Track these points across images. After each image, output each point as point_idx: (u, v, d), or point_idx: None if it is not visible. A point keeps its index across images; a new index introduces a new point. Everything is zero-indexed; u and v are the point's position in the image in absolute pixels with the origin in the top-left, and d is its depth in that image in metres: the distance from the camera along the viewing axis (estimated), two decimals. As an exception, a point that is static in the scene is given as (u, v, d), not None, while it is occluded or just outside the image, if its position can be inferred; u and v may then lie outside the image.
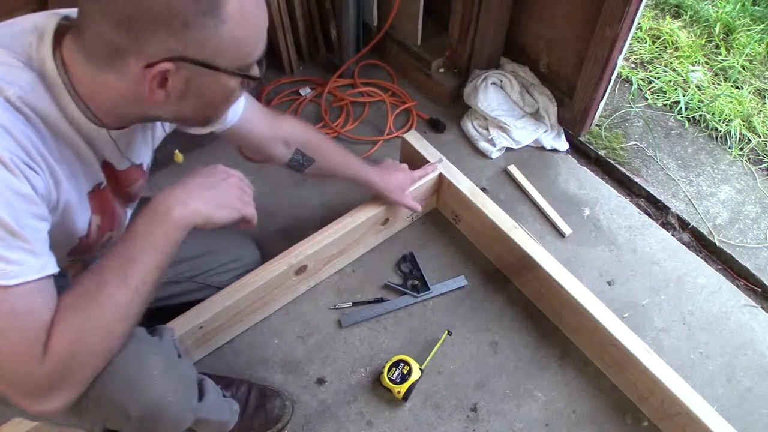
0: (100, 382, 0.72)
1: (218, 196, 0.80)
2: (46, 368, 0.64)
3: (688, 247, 1.51)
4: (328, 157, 1.23)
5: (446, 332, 1.31)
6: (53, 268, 0.67)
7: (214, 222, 0.79)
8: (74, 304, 0.68)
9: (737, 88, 1.91)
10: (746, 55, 2.00)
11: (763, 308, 1.41)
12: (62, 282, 0.91)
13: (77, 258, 0.88)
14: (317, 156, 1.20)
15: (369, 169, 1.30)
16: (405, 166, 1.42)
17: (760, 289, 1.44)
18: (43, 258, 0.66)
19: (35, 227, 0.65)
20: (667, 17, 2.16)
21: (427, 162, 1.43)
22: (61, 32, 0.69)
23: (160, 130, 0.95)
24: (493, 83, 1.72)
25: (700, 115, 1.81)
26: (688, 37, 2.06)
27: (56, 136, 0.70)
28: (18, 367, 0.64)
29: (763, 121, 1.81)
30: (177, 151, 0.97)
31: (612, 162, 1.67)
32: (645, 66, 1.99)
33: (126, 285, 0.71)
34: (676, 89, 1.89)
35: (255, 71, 0.74)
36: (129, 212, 0.98)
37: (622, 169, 1.66)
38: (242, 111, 1.04)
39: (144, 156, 0.91)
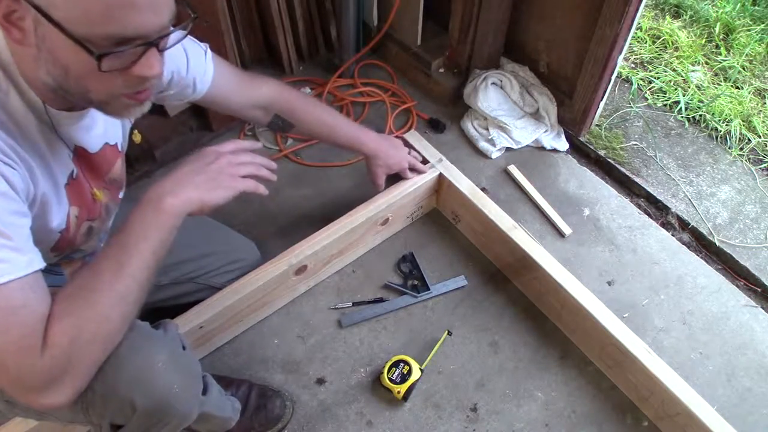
0: (106, 376, 0.72)
1: (209, 179, 0.80)
2: (47, 360, 0.65)
3: (688, 247, 1.51)
4: (309, 121, 1.22)
5: (446, 332, 1.31)
6: (40, 263, 0.67)
7: (210, 205, 0.79)
8: (71, 294, 0.69)
9: (737, 88, 1.91)
10: (746, 55, 2.00)
11: (763, 308, 1.41)
12: (59, 282, 0.91)
13: (62, 254, 0.87)
14: (297, 119, 1.19)
15: (361, 134, 1.29)
16: (403, 148, 1.40)
17: (760, 289, 1.44)
18: (28, 254, 0.66)
19: (16, 224, 0.65)
20: (667, 17, 2.16)
21: (427, 162, 1.43)
22: None
23: None
24: (493, 83, 1.72)
25: (700, 115, 1.81)
26: (688, 37, 2.06)
27: (23, 127, 0.70)
28: (19, 363, 0.64)
29: (763, 121, 1.81)
30: (136, 131, 0.96)
31: (612, 162, 1.67)
32: (645, 66, 1.99)
33: (121, 272, 0.71)
34: (676, 89, 1.89)
35: (104, 53, 0.61)
36: (119, 195, 0.97)
37: (622, 169, 1.65)
38: (211, 80, 1.02)
39: (115, 135, 0.90)
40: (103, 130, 0.86)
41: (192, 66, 0.98)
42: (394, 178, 1.40)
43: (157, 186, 0.77)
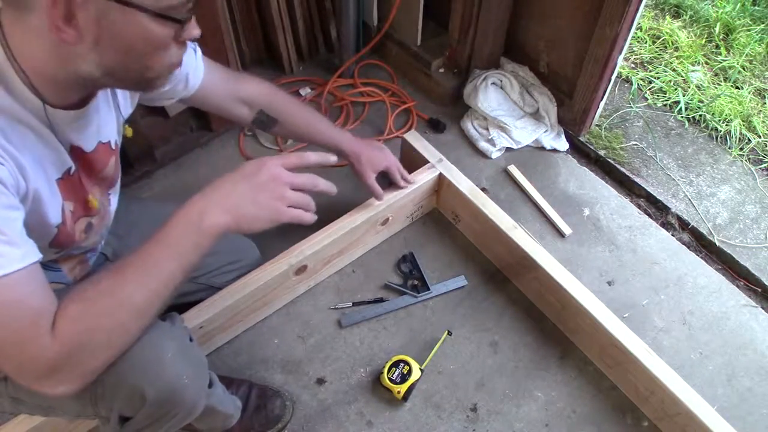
0: (115, 368, 0.72)
1: (254, 202, 0.77)
2: (53, 352, 0.65)
3: (688, 247, 1.51)
4: (293, 120, 1.22)
5: (446, 332, 1.31)
6: (36, 255, 0.67)
7: (245, 231, 0.78)
8: (93, 297, 0.68)
9: (737, 88, 1.91)
10: (746, 55, 2.00)
11: (763, 308, 1.41)
12: (58, 278, 0.90)
13: (62, 250, 0.87)
14: (281, 117, 1.19)
15: (342, 135, 1.28)
16: (388, 152, 1.36)
17: (760, 289, 1.44)
18: (22, 247, 0.66)
19: (8, 217, 0.65)
20: (667, 17, 2.16)
21: (427, 162, 1.43)
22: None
23: (124, 104, 0.92)
24: (493, 83, 1.72)
25: (700, 115, 1.81)
26: (688, 37, 2.06)
27: (14, 123, 0.69)
28: (21, 353, 0.64)
29: (763, 121, 1.81)
30: (126, 126, 0.96)
31: (612, 162, 1.67)
32: (645, 66, 1.99)
33: (146, 286, 0.71)
34: (676, 89, 1.89)
35: (185, 18, 0.67)
36: (113, 199, 0.97)
37: (622, 169, 1.66)
38: (202, 75, 1.03)
39: (110, 132, 0.89)
40: (97, 129, 0.85)
41: (186, 62, 0.99)
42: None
43: (201, 200, 0.75)
